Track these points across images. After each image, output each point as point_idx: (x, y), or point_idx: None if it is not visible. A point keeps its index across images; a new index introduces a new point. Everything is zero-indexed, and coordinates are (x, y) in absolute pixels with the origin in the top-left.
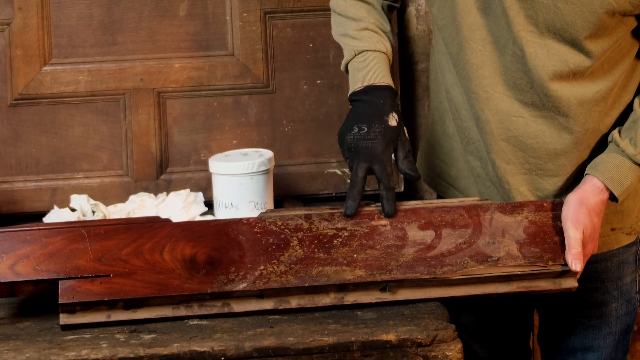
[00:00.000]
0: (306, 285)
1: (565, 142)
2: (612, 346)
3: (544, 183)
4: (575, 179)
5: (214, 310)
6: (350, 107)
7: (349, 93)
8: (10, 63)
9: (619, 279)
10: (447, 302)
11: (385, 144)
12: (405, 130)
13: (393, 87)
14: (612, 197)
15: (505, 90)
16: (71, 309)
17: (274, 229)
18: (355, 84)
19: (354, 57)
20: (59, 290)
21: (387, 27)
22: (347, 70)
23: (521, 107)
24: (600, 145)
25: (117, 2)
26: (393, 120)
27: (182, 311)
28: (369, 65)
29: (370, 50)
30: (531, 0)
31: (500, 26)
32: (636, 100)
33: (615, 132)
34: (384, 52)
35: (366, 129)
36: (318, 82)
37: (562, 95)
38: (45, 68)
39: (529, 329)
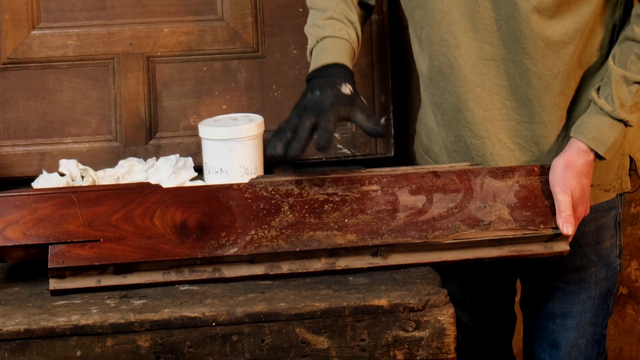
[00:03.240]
0: (297, 250)
1: (535, 87)
2: (592, 311)
3: (522, 130)
4: (554, 128)
5: (205, 276)
6: (306, 86)
7: (306, 76)
8: None
9: (598, 243)
10: (436, 267)
11: (335, 102)
12: (363, 99)
13: (350, 67)
14: (599, 156)
15: (474, 35)
16: (61, 273)
17: (265, 194)
18: (312, 66)
19: (315, 44)
20: (49, 255)
21: (354, 18)
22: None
23: (491, 50)
24: (576, 94)
25: None
26: (346, 89)
27: (172, 276)
28: (327, 49)
29: (331, 37)
30: None
31: None
32: (610, 57)
33: (593, 91)
34: (345, 39)
35: (318, 93)
36: (308, 46)
37: (527, 36)
38: (33, 32)
39: (513, 295)
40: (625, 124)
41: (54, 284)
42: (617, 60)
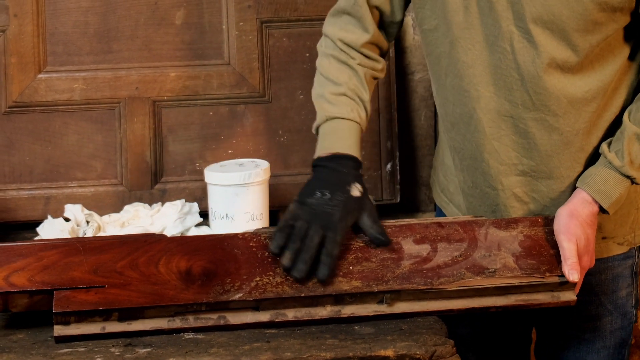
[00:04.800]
0: (302, 295)
1: (556, 143)
2: None
3: (539, 185)
4: (571, 183)
5: (210, 323)
6: (313, 172)
7: (314, 157)
8: (4, 70)
9: (614, 292)
10: (445, 316)
11: (344, 213)
12: (371, 199)
13: (359, 159)
14: (603, 210)
15: (495, 90)
16: (65, 319)
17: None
18: (321, 149)
19: (325, 122)
20: (54, 300)
21: (366, 97)
22: (317, 133)
23: (511, 107)
24: (595, 149)
25: (113, 10)
26: (356, 190)
27: (177, 323)
28: (337, 132)
29: (342, 119)
30: None
31: (488, 23)
32: (625, 113)
33: (604, 144)
34: (357, 122)
35: (329, 196)
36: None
37: (552, 93)
38: (40, 76)
39: (528, 343)
40: (633, 181)
41: (58, 330)
42: (632, 117)
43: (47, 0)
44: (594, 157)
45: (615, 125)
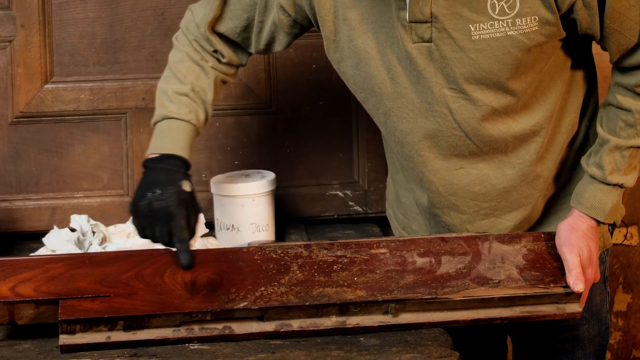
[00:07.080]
0: (307, 304)
1: (510, 177)
2: None
3: (503, 222)
4: (534, 209)
5: (215, 333)
6: (143, 174)
7: (145, 157)
8: (11, 81)
9: (589, 300)
10: (450, 329)
11: (178, 202)
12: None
13: (188, 161)
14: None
15: (439, 151)
16: (71, 328)
17: (274, 256)
18: (153, 149)
19: (162, 120)
20: (59, 308)
21: (210, 98)
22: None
23: (459, 160)
24: (554, 173)
25: (120, 21)
26: (187, 186)
27: (182, 333)
28: (172, 134)
29: (179, 119)
30: (444, 59)
31: (419, 91)
32: (597, 124)
33: (583, 159)
34: (193, 124)
35: (160, 192)
36: (320, 103)
37: (497, 137)
38: (46, 86)
39: (504, 351)
40: (621, 186)
41: (64, 339)
42: (605, 126)
43: (54, 10)
44: (554, 180)
45: (570, 144)
